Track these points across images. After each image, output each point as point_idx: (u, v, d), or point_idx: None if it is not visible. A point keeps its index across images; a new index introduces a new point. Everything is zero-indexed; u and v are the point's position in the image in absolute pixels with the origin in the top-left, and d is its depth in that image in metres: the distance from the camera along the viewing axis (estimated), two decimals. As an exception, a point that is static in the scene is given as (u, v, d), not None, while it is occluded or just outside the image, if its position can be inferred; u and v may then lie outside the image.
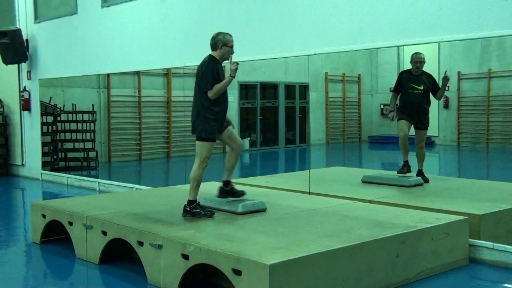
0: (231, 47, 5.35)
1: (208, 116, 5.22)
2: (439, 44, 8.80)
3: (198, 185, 5.30)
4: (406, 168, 7.26)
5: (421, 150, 7.29)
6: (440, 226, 4.94)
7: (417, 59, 7.16)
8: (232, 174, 5.62)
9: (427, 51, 7.02)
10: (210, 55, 5.35)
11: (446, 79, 7.08)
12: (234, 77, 5.23)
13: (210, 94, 5.18)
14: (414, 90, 7.20)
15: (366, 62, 14.55)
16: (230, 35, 5.38)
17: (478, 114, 12.22)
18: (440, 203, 5.83)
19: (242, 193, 5.64)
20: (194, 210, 5.29)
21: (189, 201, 5.32)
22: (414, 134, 7.31)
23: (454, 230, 5.05)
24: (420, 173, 7.22)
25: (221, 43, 5.30)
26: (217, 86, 5.19)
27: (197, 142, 5.29)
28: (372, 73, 14.40)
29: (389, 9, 5.97)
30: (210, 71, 5.21)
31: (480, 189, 6.85)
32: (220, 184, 5.66)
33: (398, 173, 7.26)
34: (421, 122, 7.25)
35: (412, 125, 7.25)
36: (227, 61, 5.40)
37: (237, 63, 5.27)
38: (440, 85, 7.17)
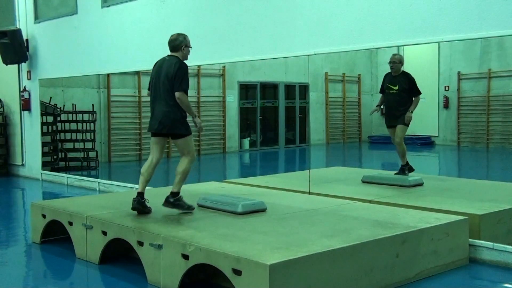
0: (190, 47, 5.56)
1: (183, 114, 5.38)
2: (439, 44, 8.80)
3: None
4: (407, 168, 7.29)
5: (399, 146, 7.25)
6: (440, 226, 4.94)
7: (390, 60, 7.33)
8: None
9: (427, 51, 7.02)
10: (176, 57, 5.44)
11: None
12: (197, 125, 5.46)
13: (183, 97, 5.27)
14: (390, 90, 7.33)
15: (366, 62, 14.56)
16: (187, 36, 5.56)
17: (478, 114, 12.22)
18: (440, 203, 5.83)
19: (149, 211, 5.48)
20: (177, 203, 5.43)
21: (173, 193, 5.45)
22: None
23: (454, 230, 5.05)
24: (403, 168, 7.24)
25: (184, 44, 5.47)
26: (188, 103, 5.38)
27: (186, 139, 5.47)
28: (372, 73, 14.41)
29: (389, 9, 5.96)
30: (186, 74, 5.37)
31: (480, 189, 6.84)
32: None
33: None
34: (395, 121, 7.24)
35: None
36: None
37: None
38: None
